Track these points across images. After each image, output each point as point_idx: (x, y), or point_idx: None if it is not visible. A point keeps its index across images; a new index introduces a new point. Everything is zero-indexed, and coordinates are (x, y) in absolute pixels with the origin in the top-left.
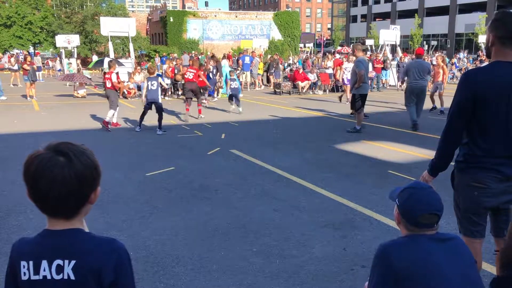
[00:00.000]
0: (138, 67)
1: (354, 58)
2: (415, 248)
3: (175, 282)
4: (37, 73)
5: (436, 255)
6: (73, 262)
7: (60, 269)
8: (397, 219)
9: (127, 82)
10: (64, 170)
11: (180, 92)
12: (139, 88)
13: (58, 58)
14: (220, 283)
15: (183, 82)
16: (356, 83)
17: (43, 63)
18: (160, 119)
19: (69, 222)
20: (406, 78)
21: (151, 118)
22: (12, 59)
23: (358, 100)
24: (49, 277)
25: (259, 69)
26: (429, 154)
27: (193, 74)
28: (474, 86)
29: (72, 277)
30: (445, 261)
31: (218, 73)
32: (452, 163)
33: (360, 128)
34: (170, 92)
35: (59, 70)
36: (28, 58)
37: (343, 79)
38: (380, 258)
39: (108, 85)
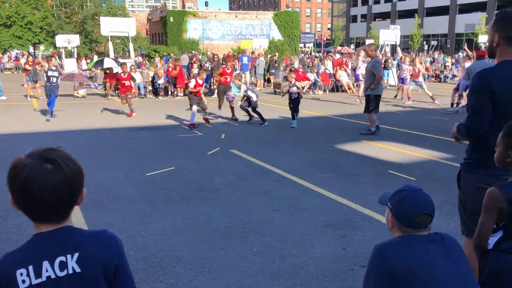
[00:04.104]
0: (133, 66)
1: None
2: (411, 248)
3: (175, 282)
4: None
5: (431, 255)
6: (76, 254)
7: (63, 265)
8: (390, 222)
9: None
10: (55, 177)
11: (177, 93)
12: (138, 88)
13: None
14: (220, 283)
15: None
16: (373, 84)
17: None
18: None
19: (59, 223)
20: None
21: (150, 119)
22: (22, 60)
23: (373, 101)
24: (53, 276)
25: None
26: (429, 154)
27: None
28: (488, 85)
29: (78, 270)
30: (440, 261)
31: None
32: (457, 164)
33: (375, 130)
34: (163, 93)
35: (85, 70)
36: (30, 59)
37: (357, 75)
38: (376, 258)
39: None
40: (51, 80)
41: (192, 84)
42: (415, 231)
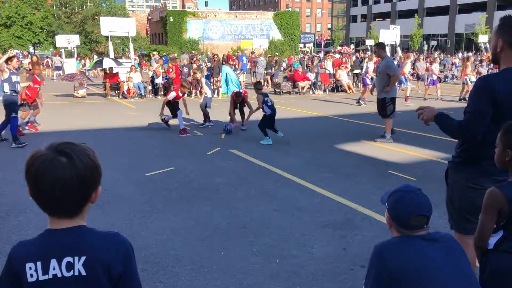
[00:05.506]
0: (133, 66)
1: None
2: (409, 248)
3: (175, 282)
4: (55, 72)
5: (429, 254)
6: (83, 258)
7: (70, 266)
8: (388, 222)
9: (127, 82)
10: (66, 171)
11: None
12: (139, 88)
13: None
14: (220, 283)
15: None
16: (388, 86)
17: (42, 63)
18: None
19: (72, 220)
20: None
21: (150, 119)
22: (25, 60)
23: (390, 104)
24: (59, 275)
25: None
26: (429, 154)
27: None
28: (492, 92)
29: (83, 273)
30: (439, 260)
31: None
32: (445, 161)
33: (390, 136)
34: (162, 92)
35: (89, 70)
36: (34, 58)
37: (364, 79)
38: (376, 258)
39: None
40: (16, 88)
41: (171, 96)
42: (411, 232)
